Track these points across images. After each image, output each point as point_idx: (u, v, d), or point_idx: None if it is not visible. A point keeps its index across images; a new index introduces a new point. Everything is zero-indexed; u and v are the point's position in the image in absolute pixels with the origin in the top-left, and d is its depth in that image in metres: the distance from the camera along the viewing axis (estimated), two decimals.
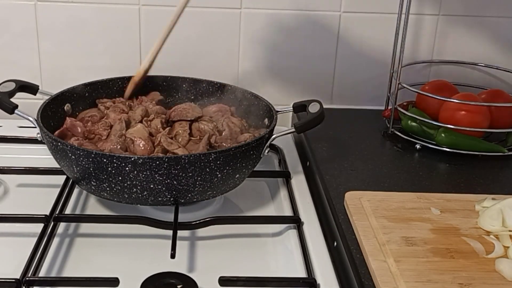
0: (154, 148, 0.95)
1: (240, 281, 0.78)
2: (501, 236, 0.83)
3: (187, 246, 0.89)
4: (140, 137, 0.95)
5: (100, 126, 0.99)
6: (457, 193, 0.94)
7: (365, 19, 1.27)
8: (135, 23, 1.24)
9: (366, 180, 1.00)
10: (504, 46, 1.30)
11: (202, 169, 0.86)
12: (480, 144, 1.10)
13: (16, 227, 0.90)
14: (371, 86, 1.31)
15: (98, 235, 0.91)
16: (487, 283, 0.74)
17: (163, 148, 0.94)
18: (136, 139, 0.95)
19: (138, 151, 0.94)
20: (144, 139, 0.95)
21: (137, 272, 0.79)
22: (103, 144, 0.96)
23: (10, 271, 0.80)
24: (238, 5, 1.24)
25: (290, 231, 0.92)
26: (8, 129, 1.17)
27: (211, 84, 1.12)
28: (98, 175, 0.87)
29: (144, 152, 0.93)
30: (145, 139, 0.95)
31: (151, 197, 0.88)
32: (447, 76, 1.28)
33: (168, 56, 1.25)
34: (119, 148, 0.94)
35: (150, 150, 0.94)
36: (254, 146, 0.92)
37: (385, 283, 0.73)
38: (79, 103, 1.07)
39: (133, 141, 0.94)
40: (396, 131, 1.16)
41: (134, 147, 0.94)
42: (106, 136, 0.98)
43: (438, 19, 1.28)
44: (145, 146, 0.94)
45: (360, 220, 0.86)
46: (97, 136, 0.99)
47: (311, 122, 0.97)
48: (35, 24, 1.23)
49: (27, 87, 1.04)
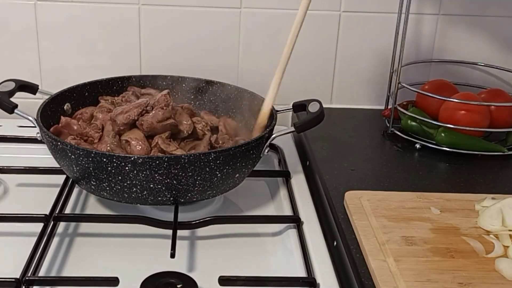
0: (151, 149, 0.95)
1: (240, 281, 0.77)
2: (501, 235, 0.83)
3: (187, 246, 0.89)
4: (136, 137, 0.95)
5: (92, 129, 0.99)
6: (457, 193, 0.94)
7: (365, 19, 1.27)
8: (135, 23, 1.24)
9: (366, 179, 1.00)
10: (504, 46, 1.30)
11: (202, 168, 0.86)
12: (480, 143, 1.10)
13: (16, 227, 0.90)
14: (371, 85, 1.31)
15: (98, 234, 0.91)
16: (487, 282, 0.74)
17: (160, 150, 0.94)
18: (132, 140, 0.94)
19: (135, 152, 0.93)
20: (140, 140, 0.94)
21: (137, 272, 0.79)
22: (97, 146, 0.96)
23: (10, 271, 0.80)
24: (238, 5, 1.24)
25: (290, 231, 0.92)
26: (8, 129, 1.17)
27: (210, 83, 1.12)
28: (98, 175, 0.87)
29: (141, 153, 0.93)
30: (141, 139, 0.94)
31: (151, 196, 0.88)
32: (447, 75, 1.28)
33: (168, 56, 1.26)
34: (115, 148, 0.94)
35: (147, 151, 0.94)
36: (254, 146, 0.92)
37: (385, 282, 0.73)
38: (79, 102, 1.07)
39: (129, 142, 0.94)
40: (396, 131, 1.16)
41: (130, 149, 0.94)
42: (98, 139, 0.98)
43: (438, 19, 1.28)
44: (142, 147, 0.94)
45: (360, 220, 0.86)
46: (90, 139, 0.98)
47: (311, 121, 0.97)
48: (35, 24, 1.23)
49: (27, 87, 1.04)
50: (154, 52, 1.26)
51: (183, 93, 1.13)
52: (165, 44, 1.25)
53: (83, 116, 1.03)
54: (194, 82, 1.13)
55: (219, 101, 1.11)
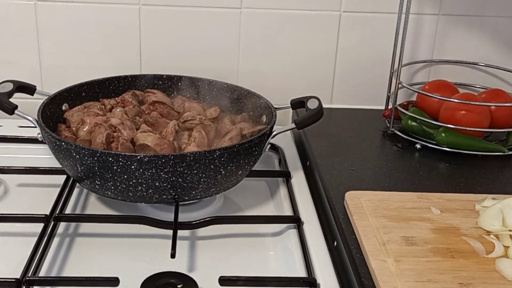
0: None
1: (240, 281, 0.77)
2: (501, 235, 0.83)
3: (187, 246, 0.89)
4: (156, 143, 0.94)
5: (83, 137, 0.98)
6: (457, 193, 0.94)
7: (365, 19, 1.27)
8: (135, 23, 1.24)
9: (366, 179, 1.00)
10: (504, 46, 1.30)
11: (207, 166, 0.87)
12: (480, 143, 1.10)
13: (16, 227, 0.90)
14: (371, 85, 1.31)
15: (98, 234, 0.91)
16: (487, 282, 0.74)
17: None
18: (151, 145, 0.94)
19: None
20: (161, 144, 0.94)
21: (137, 272, 0.79)
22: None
23: (10, 271, 0.80)
24: (238, 5, 1.24)
25: (290, 231, 0.92)
26: (8, 129, 1.17)
27: (208, 82, 1.12)
28: (103, 174, 0.87)
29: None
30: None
31: (156, 195, 0.88)
32: (447, 75, 1.28)
33: (168, 55, 1.26)
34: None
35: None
36: (257, 143, 0.93)
37: (385, 282, 0.73)
38: (76, 102, 1.07)
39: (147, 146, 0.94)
40: (396, 131, 1.16)
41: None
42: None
43: (438, 19, 1.28)
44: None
45: (360, 220, 0.86)
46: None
47: (311, 117, 0.98)
48: (35, 24, 1.23)
49: (25, 88, 1.04)
50: (154, 52, 1.26)
51: (180, 92, 1.13)
52: (165, 44, 1.25)
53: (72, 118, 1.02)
54: (191, 81, 1.13)
55: (219, 100, 1.11)
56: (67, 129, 1.00)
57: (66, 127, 1.01)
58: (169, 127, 0.98)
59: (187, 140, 0.97)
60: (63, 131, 0.99)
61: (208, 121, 1.01)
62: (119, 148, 0.93)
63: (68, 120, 1.02)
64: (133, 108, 1.04)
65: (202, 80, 1.13)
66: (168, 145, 0.94)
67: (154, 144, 0.93)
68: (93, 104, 1.06)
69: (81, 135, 0.97)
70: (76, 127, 1.00)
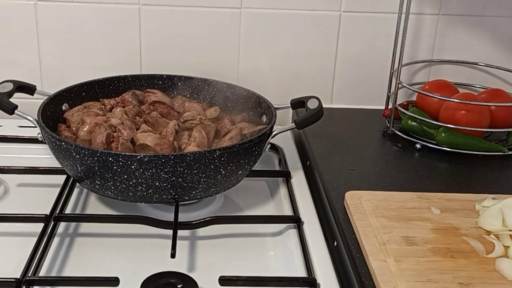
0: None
1: (240, 281, 0.78)
2: (501, 235, 0.83)
3: (187, 246, 0.89)
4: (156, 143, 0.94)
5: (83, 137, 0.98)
6: (457, 193, 0.94)
7: (365, 19, 1.27)
8: (135, 23, 1.24)
9: (366, 179, 1.00)
10: (504, 46, 1.30)
11: (207, 166, 0.87)
12: (480, 143, 1.10)
13: (16, 227, 0.90)
14: (371, 85, 1.31)
15: (98, 234, 0.91)
16: (487, 282, 0.74)
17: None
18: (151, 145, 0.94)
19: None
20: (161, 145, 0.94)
21: (137, 272, 0.79)
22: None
23: (10, 271, 0.80)
24: (238, 5, 1.24)
25: (290, 231, 0.92)
26: (8, 129, 1.17)
27: (209, 82, 1.13)
28: (103, 174, 0.87)
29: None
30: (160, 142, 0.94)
31: (156, 195, 0.88)
32: (447, 75, 1.28)
33: (168, 55, 1.26)
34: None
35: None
36: (257, 143, 0.93)
37: (385, 282, 0.73)
38: (76, 102, 1.07)
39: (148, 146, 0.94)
40: (396, 131, 1.16)
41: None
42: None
43: (438, 19, 1.28)
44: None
45: (360, 220, 0.86)
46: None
47: (311, 117, 0.98)
48: (35, 24, 1.22)
49: (25, 88, 1.04)
50: (154, 52, 1.26)
51: (180, 92, 1.13)
52: (165, 44, 1.25)
53: (72, 117, 1.02)
54: (191, 81, 1.13)
55: (219, 100, 1.11)
56: (67, 129, 1.00)
57: (66, 127, 1.01)
58: (169, 127, 0.98)
59: (187, 140, 0.97)
60: (63, 131, 0.99)
61: (208, 121, 1.01)
62: (119, 148, 0.93)
63: (68, 120, 1.02)
64: (133, 108, 1.04)
65: (202, 80, 1.13)
66: (168, 145, 0.94)
67: (154, 144, 0.93)
68: (93, 104, 1.06)
69: (81, 135, 0.97)
70: (76, 127, 1.00)
